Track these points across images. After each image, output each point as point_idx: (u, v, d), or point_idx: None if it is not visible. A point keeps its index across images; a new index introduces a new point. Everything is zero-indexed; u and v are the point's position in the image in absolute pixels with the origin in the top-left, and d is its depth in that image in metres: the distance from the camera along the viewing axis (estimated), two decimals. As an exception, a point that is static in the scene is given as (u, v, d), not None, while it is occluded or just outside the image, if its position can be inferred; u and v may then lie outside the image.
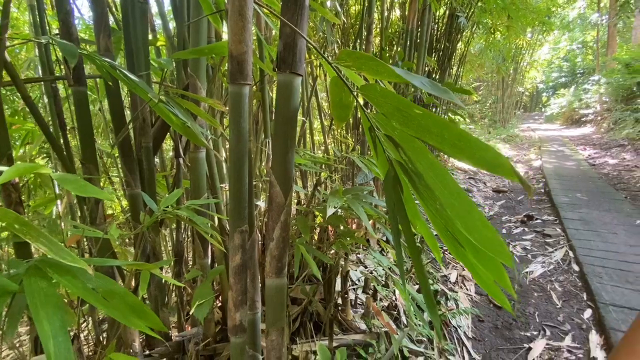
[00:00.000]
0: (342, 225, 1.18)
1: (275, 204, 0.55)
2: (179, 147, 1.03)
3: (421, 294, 1.64)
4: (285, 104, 0.53)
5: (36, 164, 0.47)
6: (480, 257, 0.52)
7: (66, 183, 0.46)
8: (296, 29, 0.47)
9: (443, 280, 2.13)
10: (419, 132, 0.45)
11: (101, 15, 0.95)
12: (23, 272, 0.46)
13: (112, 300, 0.51)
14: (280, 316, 0.60)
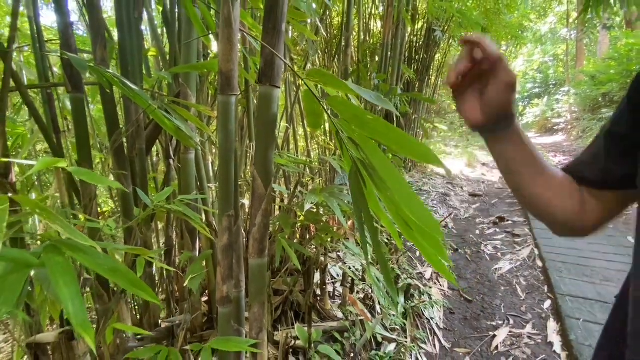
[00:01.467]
0: (320, 221, 1.29)
1: (257, 194, 0.66)
2: (169, 149, 1.12)
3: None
4: (266, 111, 0.64)
5: (56, 158, 0.55)
6: (426, 237, 0.64)
7: (81, 174, 0.55)
8: (274, 51, 0.58)
9: (418, 277, 2.26)
10: (372, 134, 0.57)
11: (98, 28, 1.03)
12: (41, 250, 0.55)
13: (116, 276, 0.60)
14: (261, 291, 0.70)
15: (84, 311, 0.50)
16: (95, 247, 0.57)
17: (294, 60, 2.22)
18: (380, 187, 0.64)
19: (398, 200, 0.60)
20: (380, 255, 0.63)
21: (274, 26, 0.61)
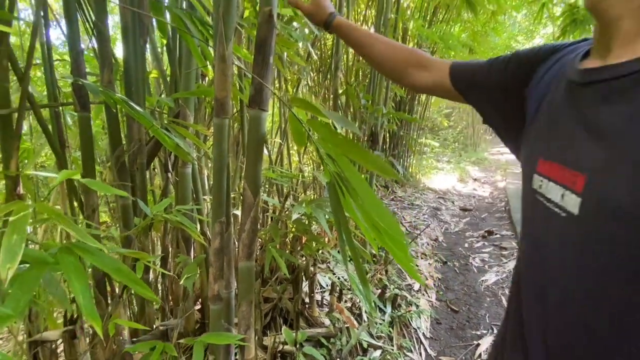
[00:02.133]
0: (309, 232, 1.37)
1: (247, 204, 0.75)
2: (168, 163, 1.21)
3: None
4: (255, 131, 0.74)
5: (72, 170, 0.63)
6: (393, 240, 0.73)
7: (93, 185, 0.63)
8: (262, 81, 0.68)
9: (407, 289, 2.32)
10: (344, 150, 0.67)
11: (106, 54, 1.14)
12: (56, 251, 0.63)
13: (120, 275, 0.67)
14: (249, 291, 0.77)
15: (92, 302, 0.58)
16: (103, 250, 0.65)
17: (288, 80, 2.35)
18: (354, 197, 0.73)
19: (368, 208, 0.70)
20: (354, 252, 0.71)
21: (263, 59, 0.71)
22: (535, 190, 0.44)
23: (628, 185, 0.31)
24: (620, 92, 0.34)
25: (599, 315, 0.35)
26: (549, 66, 0.47)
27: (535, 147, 0.46)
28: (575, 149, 0.38)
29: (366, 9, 3.46)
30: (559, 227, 0.39)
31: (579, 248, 0.36)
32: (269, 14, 0.71)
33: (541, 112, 0.46)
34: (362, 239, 2.01)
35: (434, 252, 3.10)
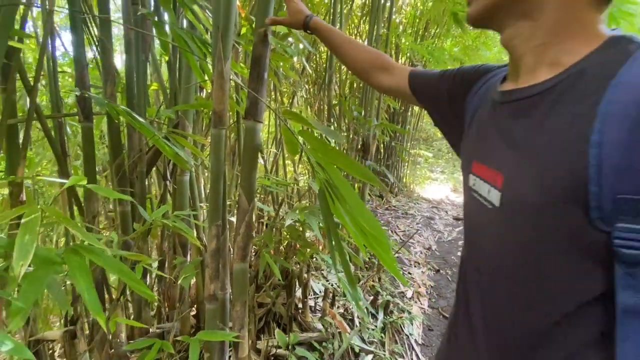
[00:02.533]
0: (302, 238, 1.42)
1: (242, 209, 0.80)
2: (166, 172, 1.26)
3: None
4: (251, 141, 0.80)
5: (80, 176, 0.68)
6: (378, 242, 0.78)
7: (99, 190, 0.68)
8: (257, 95, 0.74)
9: (400, 296, 2.36)
10: (332, 159, 0.72)
11: (109, 69, 1.20)
12: (63, 252, 0.67)
13: (122, 274, 0.71)
14: (243, 292, 0.82)
15: (97, 298, 0.62)
16: (106, 251, 0.70)
17: (283, 92, 2.43)
18: (342, 203, 0.78)
19: (355, 213, 0.75)
20: (342, 254, 0.76)
21: (258, 75, 0.78)
22: (471, 188, 0.53)
23: (530, 182, 0.40)
24: (523, 110, 0.43)
25: (520, 286, 0.42)
26: (482, 83, 0.56)
27: (471, 151, 0.55)
28: (496, 153, 0.47)
29: (360, 24, 3.59)
30: (487, 216, 0.47)
31: (502, 232, 0.45)
32: (264, 34, 0.77)
33: (474, 122, 0.55)
34: (354, 246, 2.06)
35: (426, 261, 3.15)
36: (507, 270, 0.44)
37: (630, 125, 0.33)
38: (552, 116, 0.39)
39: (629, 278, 0.34)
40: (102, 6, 1.07)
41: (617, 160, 0.33)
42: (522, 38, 0.44)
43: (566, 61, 0.40)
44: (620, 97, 0.34)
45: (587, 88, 0.37)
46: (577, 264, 0.37)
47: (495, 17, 0.45)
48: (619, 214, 0.34)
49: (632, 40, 0.37)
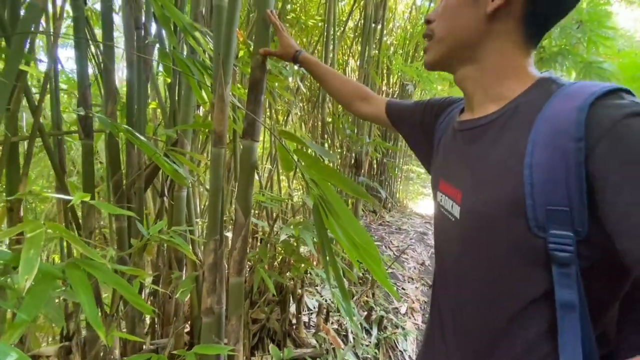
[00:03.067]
0: (297, 253, 1.44)
1: (238, 224, 0.83)
2: (164, 187, 1.29)
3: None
4: (247, 159, 0.84)
5: (84, 193, 0.71)
6: (369, 256, 0.81)
7: (102, 206, 0.71)
8: (254, 116, 0.79)
9: (394, 312, 2.36)
10: (326, 176, 0.77)
11: (110, 88, 1.24)
12: (64, 266, 0.69)
13: (121, 288, 0.73)
14: (239, 305, 0.84)
15: (97, 312, 0.64)
16: (106, 265, 0.72)
17: (279, 110, 2.49)
18: (335, 217, 0.82)
19: (348, 228, 0.79)
20: (335, 267, 0.79)
21: (255, 97, 0.83)
22: (439, 203, 0.60)
23: (482, 197, 0.47)
24: (476, 137, 0.51)
25: (479, 287, 0.49)
26: (447, 114, 0.66)
27: (438, 171, 0.63)
28: (457, 173, 0.54)
29: (352, 45, 3.73)
30: (450, 227, 0.54)
31: (462, 241, 0.51)
32: (262, 61, 0.83)
33: (440, 147, 0.64)
34: (348, 261, 2.08)
35: (420, 276, 3.16)
36: (468, 274, 0.50)
37: (551, 150, 0.40)
38: (497, 143, 0.47)
39: (564, 277, 0.40)
40: (107, 32, 1.12)
41: (544, 178, 0.40)
42: (471, 79, 0.52)
43: (506, 97, 0.48)
44: (544, 127, 0.41)
45: (521, 120, 0.45)
46: (523, 267, 0.43)
47: (448, 63, 0.54)
48: (550, 222, 0.40)
49: (556, 81, 0.45)
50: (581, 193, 0.38)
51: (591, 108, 0.38)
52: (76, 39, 0.99)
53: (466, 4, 0.50)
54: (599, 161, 0.37)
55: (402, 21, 4.48)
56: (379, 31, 2.62)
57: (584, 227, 0.39)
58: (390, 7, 4.08)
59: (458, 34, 0.51)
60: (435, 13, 0.55)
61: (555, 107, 0.41)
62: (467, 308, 0.51)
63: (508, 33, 0.48)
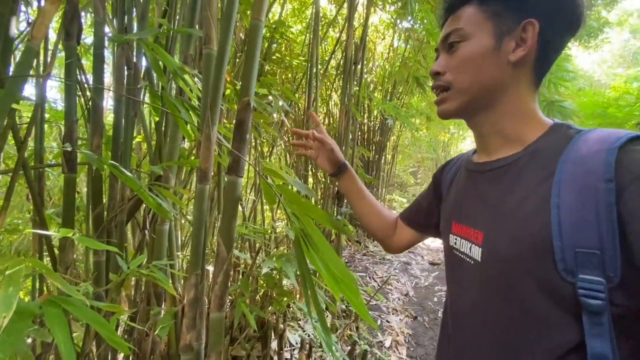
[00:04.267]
0: (279, 286, 1.44)
1: (221, 257, 0.85)
2: (145, 221, 1.29)
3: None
4: (231, 194, 0.87)
5: (67, 229, 0.72)
6: (348, 288, 0.84)
7: (83, 241, 0.72)
8: (239, 154, 0.84)
9: (378, 346, 2.32)
10: (306, 210, 0.81)
11: (98, 122, 1.27)
12: (41, 302, 0.68)
13: (98, 326, 0.72)
14: (219, 342, 0.83)
15: (73, 351, 0.63)
16: (85, 302, 0.72)
17: (263, 142, 2.56)
18: (315, 250, 0.85)
19: (327, 260, 0.82)
20: (316, 300, 0.81)
21: (241, 136, 0.88)
22: (452, 247, 0.60)
23: (507, 237, 0.47)
24: (497, 177, 0.52)
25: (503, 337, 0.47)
26: (450, 168, 0.69)
27: (449, 214, 0.63)
28: (475, 214, 0.54)
29: (335, 80, 3.93)
30: (469, 271, 0.53)
31: (484, 285, 0.50)
32: (247, 103, 0.89)
33: (451, 190, 0.65)
34: (331, 294, 2.06)
35: (404, 308, 3.14)
36: (490, 321, 0.48)
37: (579, 190, 0.40)
38: (519, 184, 0.47)
39: (596, 326, 0.37)
40: (97, 73, 1.17)
41: (572, 219, 0.39)
42: (488, 124, 0.54)
43: (525, 140, 0.50)
44: (570, 169, 0.42)
45: (543, 162, 0.46)
46: (551, 314, 0.41)
47: (467, 111, 0.54)
48: (580, 266, 0.38)
49: (571, 126, 0.48)
50: (614, 235, 0.37)
51: (620, 151, 0.39)
52: (67, 82, 1.03)
53: (488, 55, 0.50)
54: (630, 203, 0.37)
55: (382, 61, 4.78)
56: (359, 70, 2.80)
57: (616, 272, 0.37)
58: (370, 48, 4.37)
59: (485, 84, 0.51)
60: (440, 65, 0.55)
61: (581, 150, 0.42)
62: (489, 357, 0.48)
63: (524, 79, 0.50)
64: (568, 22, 0.49)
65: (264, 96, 1.69)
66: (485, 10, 0.50)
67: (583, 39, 8.82)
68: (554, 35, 0.49)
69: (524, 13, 0.48)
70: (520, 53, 0.49)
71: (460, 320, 0.56)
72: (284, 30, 2.20)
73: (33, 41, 0.83)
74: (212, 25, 0.90)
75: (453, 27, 0.53)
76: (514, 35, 0.49)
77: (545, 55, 0.50)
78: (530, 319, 0.43)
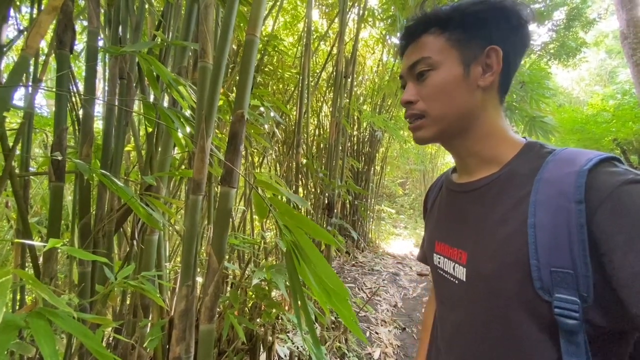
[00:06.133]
0: (269, 297, 1.43)
1: (212, 269, 0.85)
2: (134, 231, 1.27)
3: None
4: (224, 204, 0.88)
5: (57, 239, 0.71)
6: (340, 301, 0.85)
7: (72, 252, 0.71)
8: (232, 166, 0.85)
9: (367, 358, 2.31)
10: (298, 222, 0.82)
11: (88, 132, 1.26)
12: (26, 315, 0.67)
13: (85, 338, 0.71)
14: (209, 354, 0.82)
15: (59, 365, 0.62)
16: (72, 314, 0.71)
17: (254, 152, 2.57)
18: (307, 261, 0.86)
19: (319, 272, 0.83)
20: (306, 312, 0.82)
21: (234, 148, 0.89)
22: (436, 266, 0.61)
23: (488, 256, 0.48)
24: (477, 198, 0.53)
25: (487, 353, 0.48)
26: (433, 188, 0.71)
27: (433, 233, 0.64)
28: (458, 234, 0.55)
29: (326, 92, 4.00)
30: (454, 291, 0.54)
31: (469, 304, 0.51)
32: (241, 115, 0.91)
33: (434, 209, 0.67)
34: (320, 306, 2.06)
35: (393, 319, 3.14)
36: (477, 340, 0.49)
37: (553, 210, 0.41)
38: (498, 204, 0.49)
39: (572, 345, 0.38)
40: (89, 83, 1.17)
41: (547, 238, 0.40)
42: (463, 147, 0.55)
43: (500, 160, 0.52)
44: (544, 189, 0.43)
45: (519, 182, 0.47)
46: (532, 333, 0.42)
47: (443, 137, 0.56)
48: (555, 285, 0.39)
49: (543, 146, 0.50)
50: (585, 255, 0.38)
51: (590, 173, 0.40)
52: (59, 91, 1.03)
53: (459, 83, 0.51)
54: (602, 224, 0.38)
55: (371, 74, 4.89)
56: (349, 83, 2.86)
57: (589, 292, 0.38)
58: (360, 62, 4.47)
59: (458, 110, 0.52)
60: (412, 93, 0.55)
61: (554, 171, 0.43)
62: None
63: (492, 101, 0.53)
64: (523, 42, 0.52)
65: (256, 107, 1.71)
66: (448, 38, 0.52)
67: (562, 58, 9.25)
68: (514, 57, 0.52)
69: (486, 40, 0.50)
70: (489, 78, 0.51)
71: (448, 338, 0.57)
72: (276, 43, 2.24)
73: (28, 50, 0.84)
74: (208, 40, 0.92)
75: (419, 55, 0.53)
76: (479, 62, 0.51)
77: (508, 76, 0.53)
78: (512, 338, 0.44)
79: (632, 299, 0.35)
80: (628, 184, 0.38)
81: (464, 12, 0.51)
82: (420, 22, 0.54)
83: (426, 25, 0.53)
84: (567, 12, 8.89)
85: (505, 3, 0.50)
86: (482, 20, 0.50)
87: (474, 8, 0.50)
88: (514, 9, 0.50)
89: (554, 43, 9.17)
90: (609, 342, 0.40)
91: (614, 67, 15.12)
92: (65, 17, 1.13)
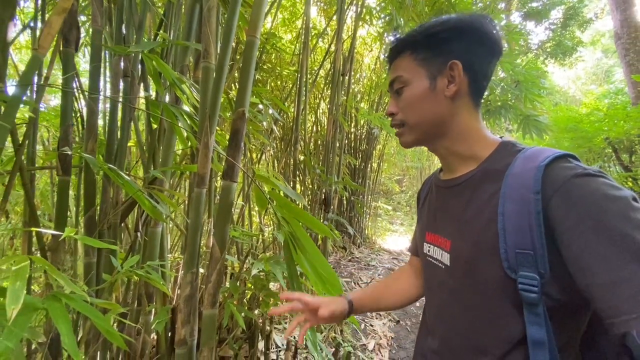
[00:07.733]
0: (266, 288, 1.49)
1: (214, 258, 0.90)
2: (138, 223, 1.32)
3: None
4: (226, 198, 0.93)
5: (72, 229, 0.76)
6: (336, 290, 0.91)
7: (85, 240, 0.76)
8: (234, 161, 0.90)
9: (362, 348, 2.39)
10: (295, 215, 0.88)
11: (92, 128, 1.31)
12: (45, 298, 0.72)
13: (97, 319, 0.76)
14: (211, 337, 0.88)
15: (75, 341, 0.68)
16: (85, 297, 0.76)
17: (252, 149, 2.62)
18: (303, 253, 0.92)
19: (314, 262, 0.89)
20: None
21: (236, 144, 0.95)
22: (426, 254, 0.68)
23: (467, 243, 0.55)
24: (459, 192, 0.60)
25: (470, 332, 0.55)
26: (424, 186, 0.77)
27: (424, 226, 0.71)
28: (444, 225, 0.62)
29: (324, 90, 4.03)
30: (441, 274, 0.62)
31: (452, 285, 0.58)
32: (243, 113, 0.96)
33: (425, 204, 0.74)
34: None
35: (387, 312, 3.22)
36: (458, 315, 0.57)
37: (517, 200, 0.48)
38: (475, 196, 0.56)
39: (533, 316, 0.45)
40: (93, 80, 1.21)
41: (512, 224, 0.47)
42: (444, 148, 0.62)
43: (478, 158, 0.58)
44: (511, 182, 0.50)
45: (493, 177, 0.54)
46: (504, 308, 0.49)
47: (423, 141, 0.63)
48: (519, 264, 0.46)
49: (515, 144, 0.56)
50: (541, 238, 0.44)
51: (546, 168, 0.47)
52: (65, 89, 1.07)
53: (426, 95, 0.59)
54: (554, 211, 0.44)
55: (369, 72, 4.93)
56: (347, 81, 2.91)
57: (546, 269, 0.44)
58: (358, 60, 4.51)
59: (430, 118, 0.59)
60: (394, 106, 0.63)
61: (519, 166, 0.50)
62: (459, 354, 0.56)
63: (464, 106, 0.59)
64: (488, 50, 0.58)
65: (255, 104, 1.76)
66: (416, 58, 0.59)
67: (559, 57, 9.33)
68: (479, 65, 0.58)
69: (448, 55, 0.57)
70: (453, 89, 0.57)
71: (434, 317, 0.64)
72: (275, 41, 2.28)
73: (40, 50, 0.88)
74: (211, 40, 0.97)
75: (395, 74, 0.62)
76: (444, 75, 0.57)
77: (477, 82, 0.58)
78: (488, 312, 0.51)
79: (579, 272, 0.41)
80: (577, 177, 0.44)
81: (427, 34, 0.59)
82: (394, 47, 0.63)
83: (399, 49, 0.62)
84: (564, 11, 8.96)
85: (463, 22, 0.57)
86: (443, 39, 0.57)
87: (435, 30, 0.58)
88: (473, 26, 0.56)
89: (551, 42, 9.25)
90: (566, 316, 0.47)
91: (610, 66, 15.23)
92: (70, 16, 1.17)
